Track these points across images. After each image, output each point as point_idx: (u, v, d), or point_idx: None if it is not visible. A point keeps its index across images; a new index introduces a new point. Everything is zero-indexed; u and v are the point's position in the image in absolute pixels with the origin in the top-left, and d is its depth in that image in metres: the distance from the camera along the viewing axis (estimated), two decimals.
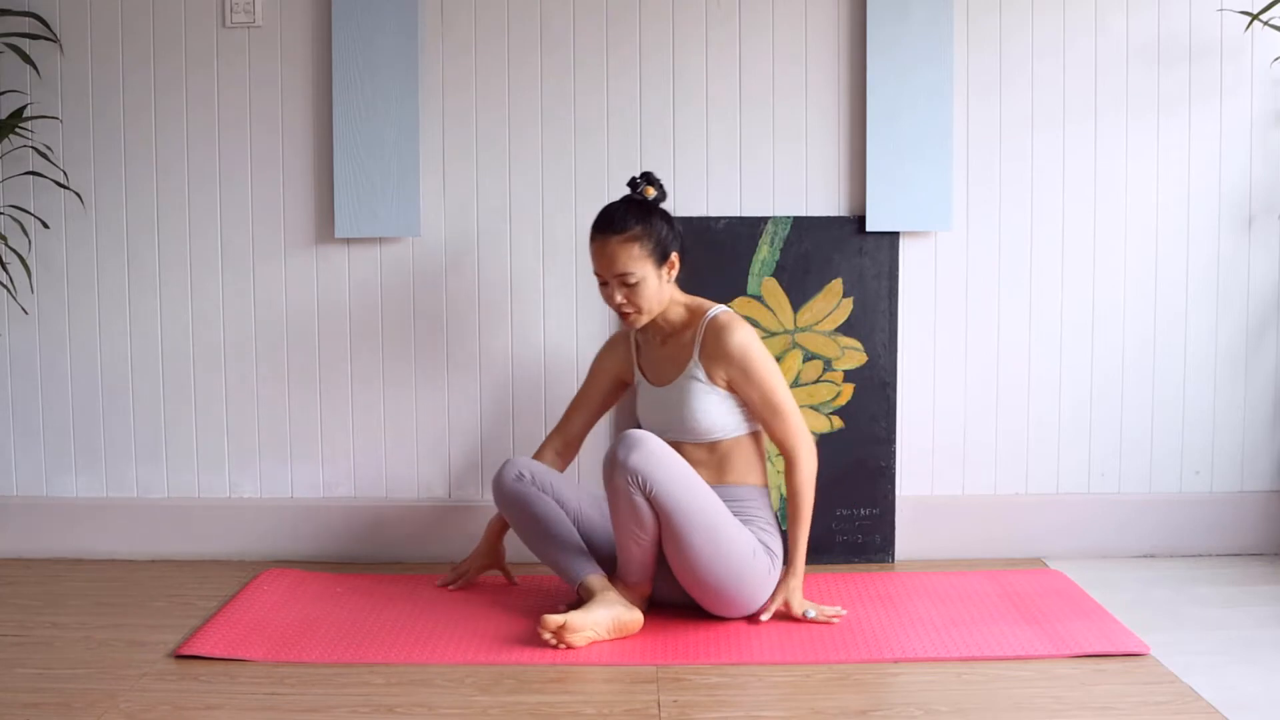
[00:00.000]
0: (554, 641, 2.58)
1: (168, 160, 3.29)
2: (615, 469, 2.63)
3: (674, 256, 2.83)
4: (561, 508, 2.87)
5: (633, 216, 2.79)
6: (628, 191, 2.87)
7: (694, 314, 2.87)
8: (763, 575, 2.74)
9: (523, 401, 3.28)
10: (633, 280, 2.77)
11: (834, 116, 3.25)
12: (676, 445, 2.80)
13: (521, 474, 2.87)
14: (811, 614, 2.76)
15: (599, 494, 2.89)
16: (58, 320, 3.33)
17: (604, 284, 2.82)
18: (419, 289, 3.28)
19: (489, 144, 3.26)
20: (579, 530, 2.88)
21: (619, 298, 2.79)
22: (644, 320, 2.83)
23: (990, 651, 2.56)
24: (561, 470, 3.03)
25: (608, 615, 2.64)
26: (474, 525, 3.15)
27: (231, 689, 2.41)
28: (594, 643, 2.61)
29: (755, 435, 2.87)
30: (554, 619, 2.58)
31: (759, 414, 2.82)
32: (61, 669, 2.53)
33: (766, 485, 2.89)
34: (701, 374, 2.81)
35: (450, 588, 3.03)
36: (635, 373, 2.97)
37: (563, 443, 3.04)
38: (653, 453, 2.63)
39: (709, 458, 2.83)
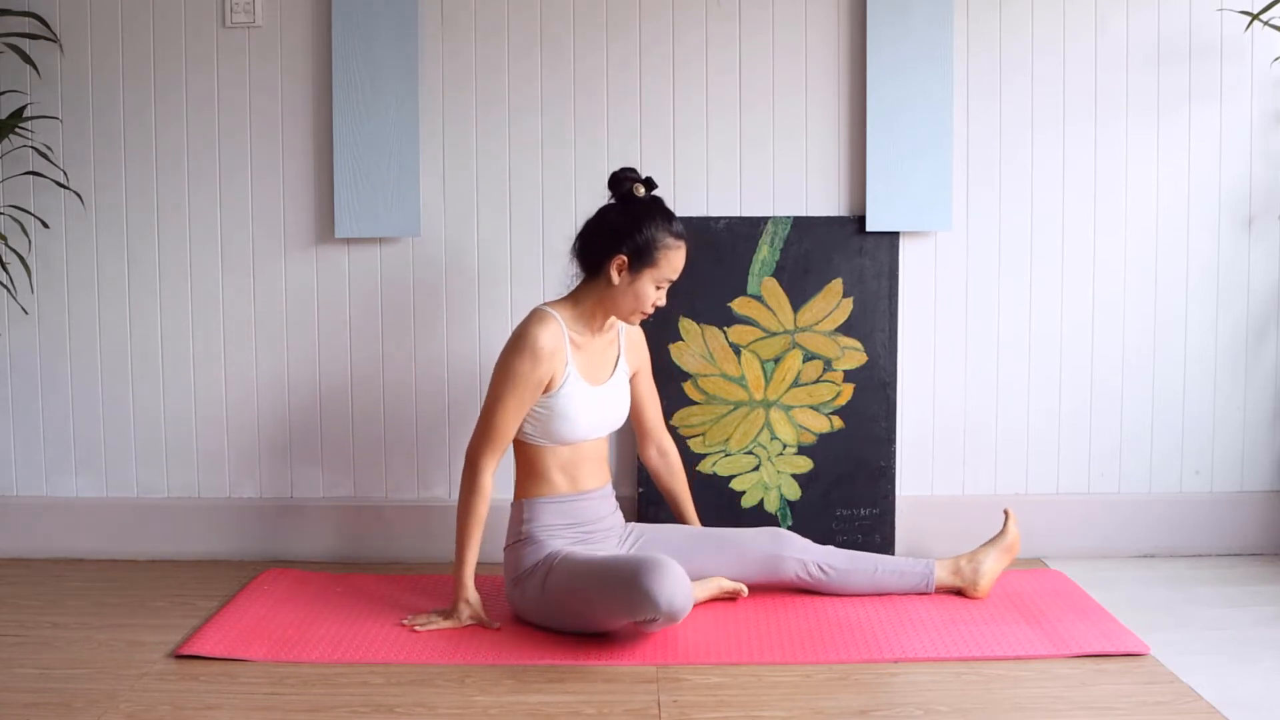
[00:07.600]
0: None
1: (168, 160, 3.29)
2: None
3: None
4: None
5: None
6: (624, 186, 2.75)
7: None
8: None
9: None
10: None
11: (834, 116, 3.25)
12: (599, 443, 2.84)
13: None
14: None
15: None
16: (58, 320, 3.33)
17: (658, 289, 2.74)
18: (419, 289, 3.28)
19: (489, 143, 3.26)
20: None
21: (662, 301, 2.78)
22: None
23: (990, 651, 2.57)
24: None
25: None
26: None
27: (231, 689, 2.41)
28: (603, 637, 2.65)
29: None
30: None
31: (650, 399, 2.99)
32: (61, 669, 2.53)
33: None
34: (627, 370, 2.90)
35: (419, 630, 2.72)
36: (563, 376, 2.74)
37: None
38: None
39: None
